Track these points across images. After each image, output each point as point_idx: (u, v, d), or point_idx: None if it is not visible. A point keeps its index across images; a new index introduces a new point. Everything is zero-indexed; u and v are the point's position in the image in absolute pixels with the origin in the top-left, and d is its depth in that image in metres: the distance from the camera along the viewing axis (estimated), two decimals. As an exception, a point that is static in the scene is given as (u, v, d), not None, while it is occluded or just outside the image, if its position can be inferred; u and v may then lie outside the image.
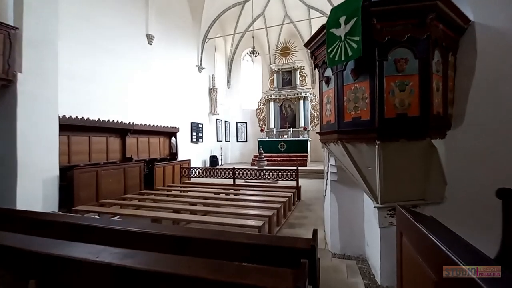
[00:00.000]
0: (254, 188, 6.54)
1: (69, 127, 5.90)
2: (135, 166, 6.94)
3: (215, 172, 7.31)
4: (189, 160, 9.60)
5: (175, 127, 9.51)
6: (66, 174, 5.32)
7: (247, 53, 12.36)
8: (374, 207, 2.56)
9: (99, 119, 6.42)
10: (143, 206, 4.69)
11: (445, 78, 2.23)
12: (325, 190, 4.03)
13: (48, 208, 4.73)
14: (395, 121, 2.10)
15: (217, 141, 14.12)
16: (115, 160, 7.07)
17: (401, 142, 2.13)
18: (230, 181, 7.30)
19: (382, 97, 2.11)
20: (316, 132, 2.79)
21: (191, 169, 7.70)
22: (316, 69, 2.94)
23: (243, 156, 15.83)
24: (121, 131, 7.32)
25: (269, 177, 6.76)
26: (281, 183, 7.04)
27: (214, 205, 4.87)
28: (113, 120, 6.82)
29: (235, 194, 5.76)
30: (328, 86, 2.65)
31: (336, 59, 2.26)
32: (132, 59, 8.23)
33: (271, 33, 15.89)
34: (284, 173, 6.63)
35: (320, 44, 2.62)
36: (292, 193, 5.86)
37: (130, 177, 6.72)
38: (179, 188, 6.97)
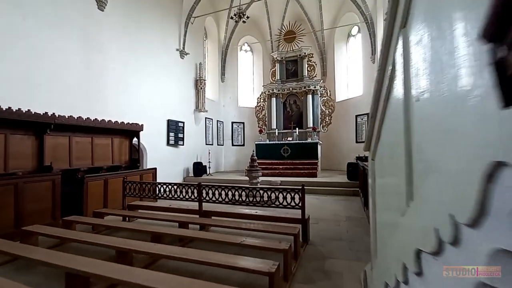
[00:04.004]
0: (231, 221, 3.87)
1: None
2: (43, 179, 4.38)
3: (176, 189, 4.67)
4: (155, 169, 7.04)
5: (137, 124, 6.96)
6: None
7: (232, 17, 9.72)
8: None
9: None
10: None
11: None
12: None
13: None
14: None
15: (206, 144, 11.53)
16: (19, 170, 4.53)
17: None
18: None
19: None
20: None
21: (129, 184, 4.92)
22: None
23: (239, 163, 13.19)
24: (35, 126, 4.80)
25: (255, 200, 4.08)
26: (278, 210, 4.31)
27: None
28: (9, 108, 4.29)
29: (191, 240, 3.11)
30: None
31: None
32: (65, 23, 5.79)
33: (273, 17, 13.37)
34: (281, 194, 3.92)
35: None
36: (294, 236, 3.17)
37: (32, 199, 4.17)
38: (109, 223, 4.30)
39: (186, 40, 10.17)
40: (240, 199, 4.19)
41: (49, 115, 4.88)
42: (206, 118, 11.64)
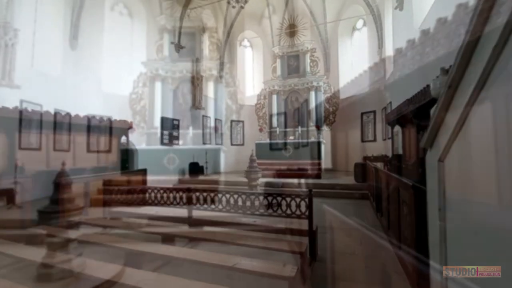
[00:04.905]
0: (225, 233, 3.30)
1: None
2: (8, 183, 3.81)
3: (162, 194, 4.10)
4: (145, 170, 6.45)
5: (126, 121, 6.40)
6: None
7: (228, 1, 9.09)
8: None
9: None
10: None
11: None
12: None
13: None
14: None
15: (203, 143, 10.95)
16: (-16, 173, 3.97)
17: None
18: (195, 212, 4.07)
19: None
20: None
21: (110, 189, 4.34)
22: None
23: (238, 163, 12.56)
24: (5, 122, 4.23)
25: (254, 208, 3.51)
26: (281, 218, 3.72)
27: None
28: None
29: (174, 259, 2.54)
30: None
31: None
32: (49, 11, 5.22)
33: (274, 10, 12.76)
34: (284, 201, 3.35)
35: None
36: (300, 254, 2.59)
37: (-6, 206, 3.61)
38: (80, 237, 3.74)
39: (181, 34, 9.60)
40: (237, 206, 3.62)
41: (20, 110, 4.31)
42: (203, 116, 11.05)
